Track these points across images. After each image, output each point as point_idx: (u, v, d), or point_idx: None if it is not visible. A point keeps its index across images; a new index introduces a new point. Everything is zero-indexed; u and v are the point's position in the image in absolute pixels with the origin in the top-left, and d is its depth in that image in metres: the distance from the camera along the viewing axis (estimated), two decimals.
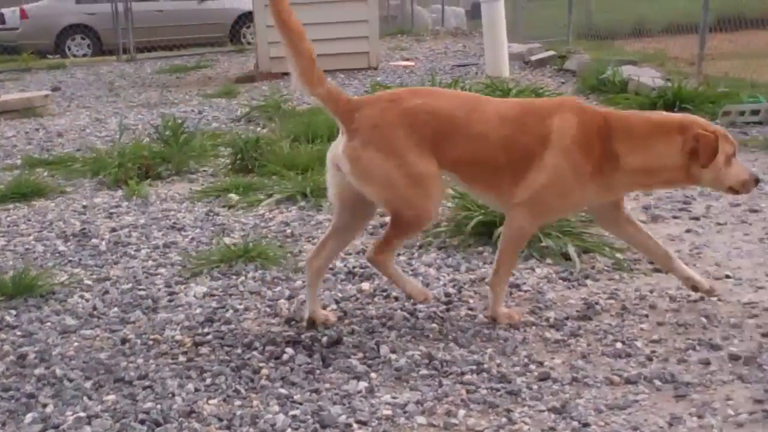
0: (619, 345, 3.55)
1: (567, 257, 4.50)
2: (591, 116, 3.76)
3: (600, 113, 3.82)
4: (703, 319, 3.76)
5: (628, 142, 3.70)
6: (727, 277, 4.26)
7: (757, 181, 3.82)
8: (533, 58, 13.01)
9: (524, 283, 4.25)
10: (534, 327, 3.77)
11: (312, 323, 3.89)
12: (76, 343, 3.87)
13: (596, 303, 3.98)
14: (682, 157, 3.68)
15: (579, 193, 3.73)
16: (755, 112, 7.90)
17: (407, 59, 14.54)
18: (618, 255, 4.53)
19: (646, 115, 3.93)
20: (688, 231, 4.99)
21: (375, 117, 3.70)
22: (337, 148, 3.79)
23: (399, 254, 4.73)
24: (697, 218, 5.22)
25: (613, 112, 3.91)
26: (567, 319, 3.83)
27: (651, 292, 4.10)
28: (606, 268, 4.43)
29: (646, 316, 3.84)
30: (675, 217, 5.26)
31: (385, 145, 3.65)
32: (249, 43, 19.98)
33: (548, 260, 4.53)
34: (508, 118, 3.75)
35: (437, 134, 3.68)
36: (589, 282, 4.25)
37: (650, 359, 3.42)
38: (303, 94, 3.85)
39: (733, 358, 3.39)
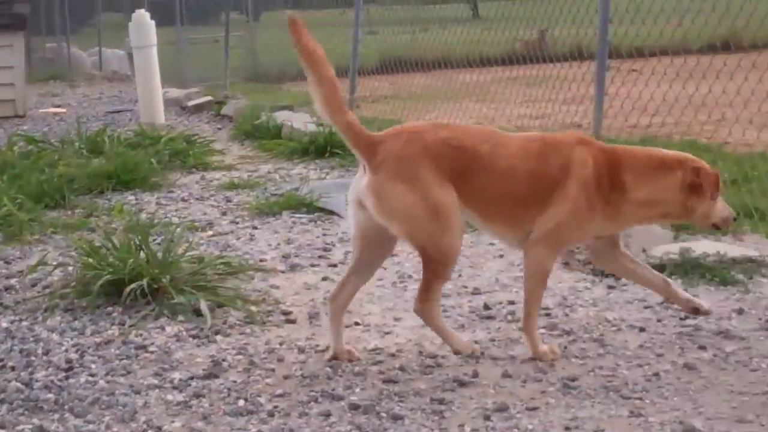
0: (242, 402, 3.49)
1: (199, 313, 4.40)
2: (603, 149, 3.92)
3: (610, 147, 4.03)
4: (329, 370, 3.77)
5: (636, 174, 3.84)
6: (356, 324, 4.31)
7: (735, 219, 4.07)
8: (190, 103, 12.95)
9: (152, 344, 4.11)
10: (157, 390, 3.64)
11: (335, 358, 3.84)
12: None
13: (224, 360, 3.91)
14: (681, 191, 3.83)
15: (591, 223, 3.83)
16: None
17: (58, 106, 14.06)
18: (252, 308, 4.49)
19: (648, 150, 4.10)
20: (324, 279, 5.03)
21: (400, 149, 3.70)
22: (359, 184, 3.75)
23: (21, 320, 4.47)
24: (334, 265, 5.28)
25: (620, 147, 4.14)
26: (192, 378, 3.73)
27: (281, 344, 4.09)
28: (238, 322, 4.37)
29: (273, 369, 3.81)
30: (313, 265, 5.30)
31: (410, 179, 3.67)
32: None
33: (180, 317, 4.40)
34: (532, 151, 3.79)
35: (461, 168, 3.70)
36: (219, 338, 4.18)
37: (272, 415, 3.39)
38: (326, 121, 3.85)
39: (353, 407, 3.41)
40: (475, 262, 5.23)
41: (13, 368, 3.90)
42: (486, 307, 4.48)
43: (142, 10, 12.29)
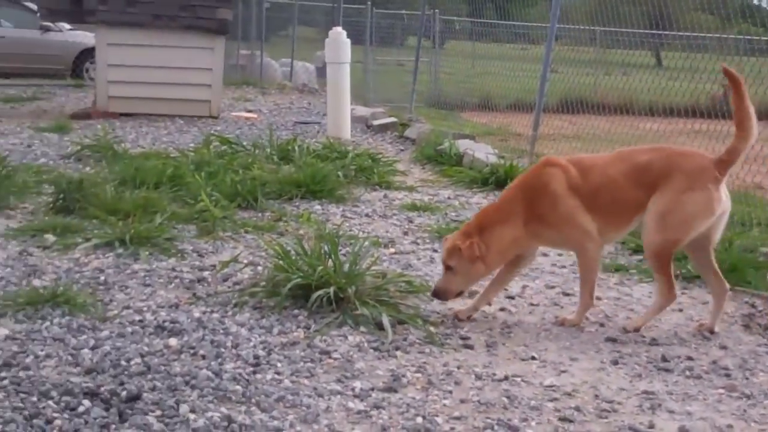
0: (419, 420, 3.56)
1: (381, 327, 4.51)
2: None
3: None
4: (505, 399, 3.81)
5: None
6: (533, 358, 4.34)
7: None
8: (375, 122, 13.16)
9: (335, 351, 4.24)
10: (339, 396, 3.75)
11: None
12: None
13: (403, 375, 4.00)
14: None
15: None
16: None
17: (250, 111, 14.50)
18: (431, 328, 4.57)
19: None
20: (501, 309, 5.07)
21: None
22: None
23: (212, 312, 4.67)
24: (512, 297, 5.31)
25: None
26: (372, 389, 3.83)
27: (458, 368, 4.14)
28: (418, 340, 4.45)
29: (451, 392, 3.87)
30: None
31: None
32: (91, 79, 19.58)
33: (362, 328, 4.53)
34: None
35: None
36: (399, 353, 4.27)
37: None
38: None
39: None
40: None
41: (203, 357, 4.07)
42: (664, 359, 4.42)
43: (339, 28, 12.61)
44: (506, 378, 4.04)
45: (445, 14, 19.11)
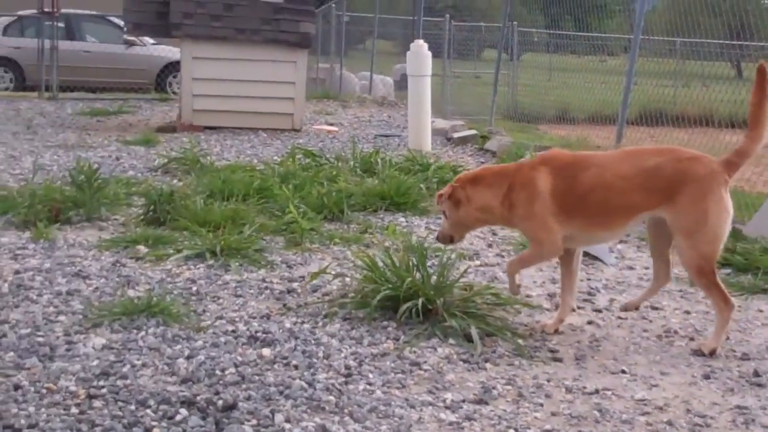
0: None
1: (469, 339, 4.53)
2: None
3: None
4: (596, 413, 3.81)
5: None
6: (623, 372, 4.33)
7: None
8: (455, 135, 13.19)
9: (425, 362, 4.27)
10: (431, 407, 3.79)
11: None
12: None
13: (493, 388, 4.02)
14: None
15: None
16: None
17: (331, 124, 14.63)
18: (519, 341, 4.58)
19: None
20: (589, 323, 5.06)
21: None
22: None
23: (303, 322, 4.74)
24: (599, 311, 5.30)
25: None
26: (464, 401, 3.86)
27: (548, 381, 4.15)
28: (507, 353, 4.47)
29: (541, 404, 3.88)
30: (578, 308, 5.33)
31: None
32: (174, 93, 19.93)
33: (451, 340, 4.55)
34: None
35: None
36: (488, 366, 4.29)
37: None
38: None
39: None
40: (744, 327, 5.12)
41: (296, 367, 4.14)
42: (756, 374, 4.38)
43: (421, 41, 12.67)
44: (597, 391, 4.04)
45: (523, 26, 19.09)
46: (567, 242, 4.82)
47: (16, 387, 3.77)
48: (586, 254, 6.44)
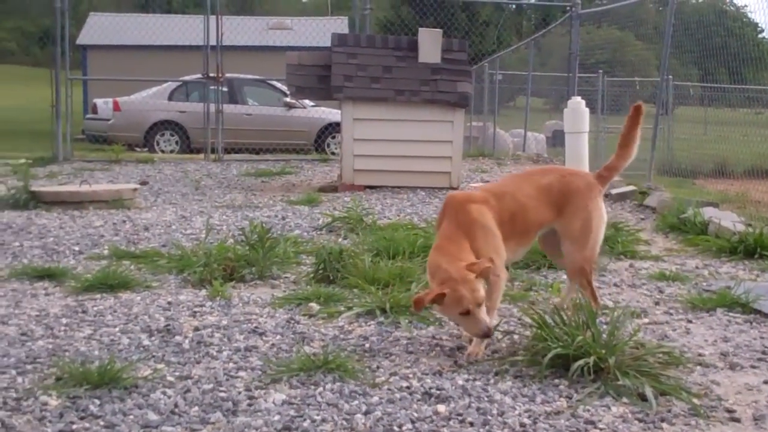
0: None
1: (643, 398, 4.51)
2: None
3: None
4: None
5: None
6: None
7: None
8: (614, 191, 13.07)
9: (600, 421, 4.27)
10: None
11: None
12: None
13: None
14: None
15: None
16: None
17: (487, 182, 14.70)
18: (695, 400, 4.53)
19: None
20: (766, 382, 4.96)
21: None
22: None
23: (475, 379, 4.80)
24: None
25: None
26: None
27: None
28: (682, 412, 4.42)
29: None
30: (753, 367, 5.23)
31: None
32: (333, 153, 20.39)
33: (624, 399, 4.54)
34: None
35: None
36: (665, 425, 4.25)
37: None
38: None
39: None
40: None
41: (471, 424, 4.19)
42: None
43: (578, 98, 12.71)
44: None
45: (678, 80, 18.86)
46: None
47: None
48: (757, 311, 6.33)
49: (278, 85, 22.72)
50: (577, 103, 12.28)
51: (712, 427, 4.28)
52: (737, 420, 4.37)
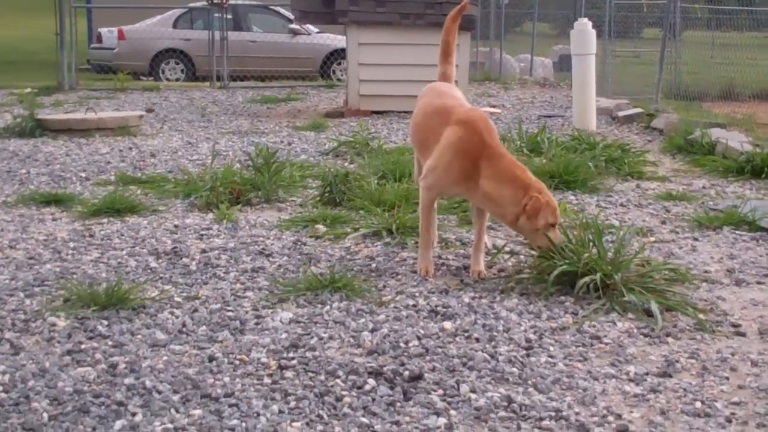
0: (698, 404, 3.57)
1: (649, 313, 4.52)
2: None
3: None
4: None
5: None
6: None
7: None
8: (620, 114, 13.01)
9: (605, 336, 4.29)
10: (614, 379, 3.81)
11: None
12: (165, 357, 4.00)
13: (677, 361, 4.01)
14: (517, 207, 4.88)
15: None
16: None
17: (494, 106, 14.63)
18: (700, 315, 4.55)
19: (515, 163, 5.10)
20: None
21: None
22: None
23: (480, 297, 4.81)
24: None
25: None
26: (647, 374, 3.87)
27: (732, 354, 4.11)
28: (688, 327, 4.44)
29: (727, 378, 3.85)
30: (759, 283, 5.24)
31: None
32: (339, 80, 20.26)
33: (630, 315, 4.56)
34: None
35: None
36: (670, 340, 4.27)
37: (729, 421, 3.44)
38: None
39: None
40: None
41: (477, 340, 4.22)
42: None
43: (585, 19, 12.54)
44: None
45: (685, 2, 18.62)
46: None
47: (211, 359, 3.97)
48: (763, 229, 6.32)
49: (283, 11, 22.50)
50: (584, 24, 12.11)
51: (718, 341, 4.30)
52: (742, 334, 4.39)
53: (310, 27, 22.05)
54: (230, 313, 4.56)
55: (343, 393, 3.63)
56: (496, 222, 6.04)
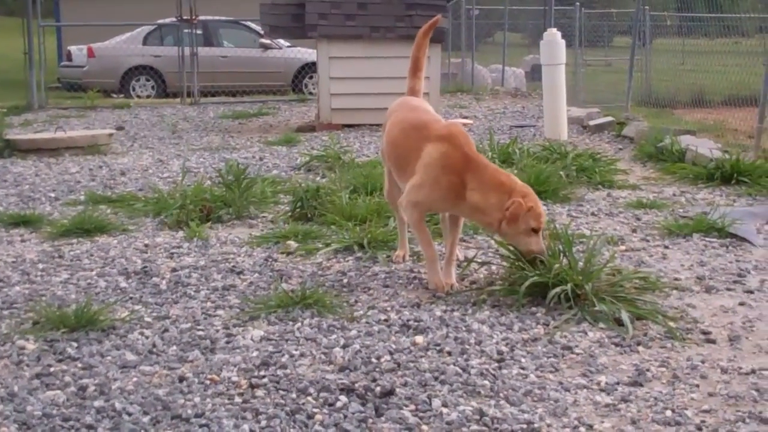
0: (669, 413, 3.58)
1: (620, 323, 4.54)
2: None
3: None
4: (754, 393, 3.77)
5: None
6: None
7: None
8: (591, 122, 13.07)
9: (576, 346, 4.30)
10: (585, 390, 3.82)
11: None
12: (135, 379, 3.97)
13: (647, 370, 4.02)
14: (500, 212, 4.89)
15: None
16: None
17: (465, 117, 14.66)
18: (671, 323, 4.56)
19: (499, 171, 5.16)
20: (741, 304, 4.99)
21: None
22: None
23: (452, 310, 4.82)
24: (751, 291, 5.22)
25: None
26: (618, 384, 3.87)
27: (703, 362, 4.12)
28: (658, 335, 4.45)
29: (697, 386, 3.86)
30: (729, 289, 5.27)
31: None
32: (311, 93, 20.27)
33: (601, 324, 4.57)
34: None
35: None
36: (641, 348, 4.28)
37: (700, 429, 3.45)
38: None
39: None
40: None
41: (449, 353, 4.21)
42: None
43: (554, 29, 12.60)
44: (753, 371, 3.99)
45: (655, 10, 18.79)
46: None
47: (181, 379, 3.95)
48: (733, 236, 6.36)
49: (253, 26, 22.50)
50: (553, 34, 12.17)
51: (688, 349, 4.31)
52: (713, 341, 4.40)
53: (281, 41, 22.05)
54: (201, 332, 4.54)
55: (315, 410, 3.61)
56: (468, 234, 6.05)
